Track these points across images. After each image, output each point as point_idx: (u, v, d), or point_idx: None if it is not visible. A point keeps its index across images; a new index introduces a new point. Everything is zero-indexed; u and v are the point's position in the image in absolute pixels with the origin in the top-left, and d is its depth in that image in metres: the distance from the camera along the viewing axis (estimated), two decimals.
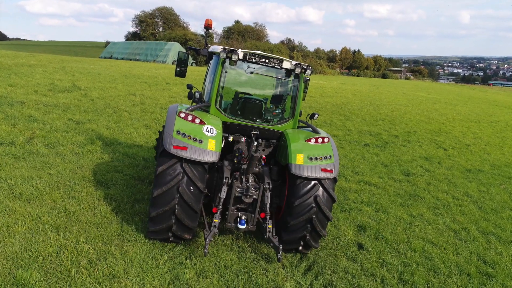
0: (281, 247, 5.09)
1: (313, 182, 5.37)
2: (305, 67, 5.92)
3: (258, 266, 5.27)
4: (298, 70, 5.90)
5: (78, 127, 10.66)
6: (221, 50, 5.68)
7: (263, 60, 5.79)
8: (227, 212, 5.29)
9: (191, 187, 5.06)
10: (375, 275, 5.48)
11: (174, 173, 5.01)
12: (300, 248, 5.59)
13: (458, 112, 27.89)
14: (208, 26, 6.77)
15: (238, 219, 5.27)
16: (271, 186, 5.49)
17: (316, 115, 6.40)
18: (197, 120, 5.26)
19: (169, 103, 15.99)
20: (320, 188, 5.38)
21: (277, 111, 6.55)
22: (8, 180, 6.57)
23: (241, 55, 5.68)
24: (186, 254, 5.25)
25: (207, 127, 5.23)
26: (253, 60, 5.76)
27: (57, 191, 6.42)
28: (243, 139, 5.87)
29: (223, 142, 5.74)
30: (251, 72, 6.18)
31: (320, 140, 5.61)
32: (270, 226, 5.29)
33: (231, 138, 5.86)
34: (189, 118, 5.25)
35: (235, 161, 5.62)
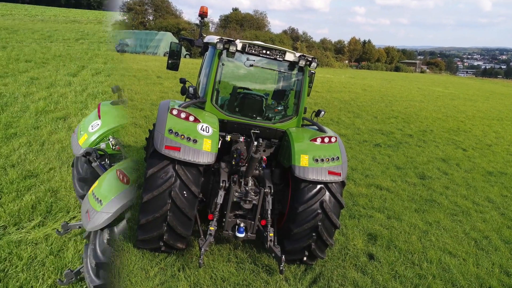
0: (283, 257, 5.07)
1: (319, 186, 5.38)
2: (310, 59, 5.93)
3: (259, 278, 5.28)
4: (302, 63, 5.91)
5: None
6: (218, 40, 5.69)
7: (264, 51, 5.80)
8: (224, 219, 5.30)
9: (184, 192, 5.06)
10: None
11: (165, 176, 5.01)
12: (305, 258, 5.59)
13: (478, 109, 27.89)
14: (203, 14, 6.77)
15: (237, 226, 5.28)
16: (272, 191, 5.50)
17: (322, 112, 6.40)
18: (191, 118, 5.26)
19: (160, 99, 15.97)
20: (327, 193, 5.39)
21: (279, 108, 6.56)
22: None
23: (239, 46, 5.68)
24: (179, 265, 5.25)
25: (202, 126, 5.24)
26: (253, 51, 5.76)
27: None
28: (241, 139, 5.87)
29: (220, 142, 5.74)
30: (251, 65, 6.19)
31: (326, 139, 5.62)
32: (271, 234, 5.29)
33: (228, 138, 5.87)
34: (182, 115, 5.26)
35: (233, 162, 5.63)
